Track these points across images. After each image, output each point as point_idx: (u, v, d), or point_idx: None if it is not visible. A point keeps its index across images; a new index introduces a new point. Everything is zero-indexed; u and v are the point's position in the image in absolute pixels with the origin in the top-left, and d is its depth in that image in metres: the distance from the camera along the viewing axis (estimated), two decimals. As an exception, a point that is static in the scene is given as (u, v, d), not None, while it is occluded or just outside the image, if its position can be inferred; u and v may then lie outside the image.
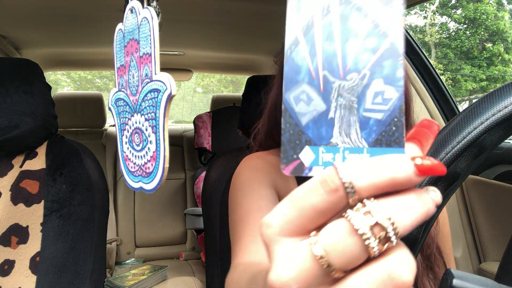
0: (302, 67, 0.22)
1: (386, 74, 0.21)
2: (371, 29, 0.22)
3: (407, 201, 0.18)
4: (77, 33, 1.57)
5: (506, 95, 0.35)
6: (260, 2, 1.23)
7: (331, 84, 0.22)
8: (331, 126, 0.22)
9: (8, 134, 0.94)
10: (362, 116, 0.22)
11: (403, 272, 0.18)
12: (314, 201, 0.19)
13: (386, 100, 0.21)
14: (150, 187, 0.44)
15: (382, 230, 0.18)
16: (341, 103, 0.22)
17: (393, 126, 0.21)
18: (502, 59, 12.62)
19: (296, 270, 0.18)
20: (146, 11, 0.42)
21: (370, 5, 0.22)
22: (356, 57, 0.22)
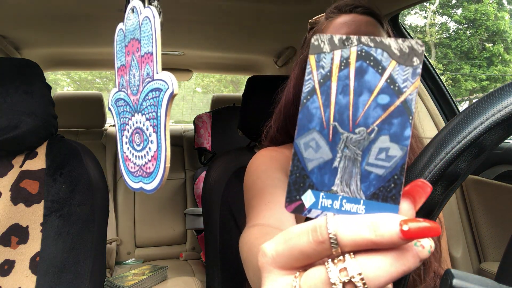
0: (315, 116, 0.23)
1: (394, 132, 0.22)
2: (385, 85, 0.22)
3: (384, 261, 0.19)
4: (77, 33, 1.57)
5: (506, 95, 0.35)
6: (260, 2, 1.23)
7: (339, 135, 0.23)
8: (334, 175, 0.23)
9: (8, 134, 0.94)
10: (364, 170, 0.23)
11: None
12: (302, 246, 0.21)
13: (390, 158, 0.22)
14: (151, 187, 0.44)
15: (353, 287, 0.19)
16: (347, 154, 0.23)
17: (392, 183, 0.22)
18: (502, 59, 12.63)
19: None
20: (147, 10, 0.42)
21: (388, 61, 0.22)
22: (367, 112, 0.23)
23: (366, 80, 0.23)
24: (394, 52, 0.22)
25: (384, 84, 0.22)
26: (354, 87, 0.23)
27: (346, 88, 0.23)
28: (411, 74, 0.22)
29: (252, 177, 0.70)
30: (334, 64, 0.23)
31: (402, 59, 0.22)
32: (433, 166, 0.35)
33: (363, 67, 0.23)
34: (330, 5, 0.75)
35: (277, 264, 0.22)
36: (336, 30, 0.68)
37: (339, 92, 0.23)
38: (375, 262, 0.19)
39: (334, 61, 0.23)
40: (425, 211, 0.36)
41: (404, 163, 0.22)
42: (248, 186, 0.70)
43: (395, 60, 0.22)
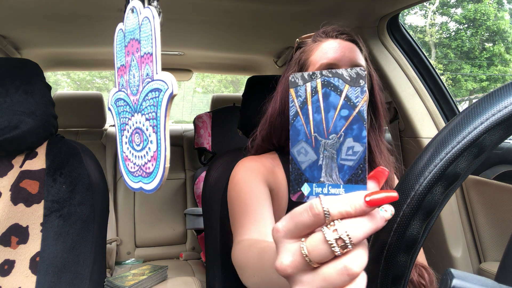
0: (301, 131, 0.33)
1: (355, 134, 0.32)
2: (344, 103, 0.32)
3: (360, 222, 0.29)
4: (77, 33, 1.57)
5: (506, 95, 0.35)
6: (260, 2, 1.23)
7: (319, 142, 0.33)
8: (320, 170, 0.33)
9: (8, 134, 0.94)
10: (339, 163, 0.32)
11: (354, 266, 0.28)
12: (305, 219, 0.30)
13: (355, 153, 0.32)
14: (150, 187, 0.44)
15: (342, 241, 0.28)
16: (326, 155, 0.33)
17: (359, 170, 0.32)
18: (503, 59, 12.62)
19: (290, 261, 0.30)
20: (147, 10, 0.42)
21: (344, 85, 0.32)
22: (334, 123, 0.32)
23: (330, 101, 0.32)
24: (346, 78, 0.32)
25: (343, 102, 0.32)
26: (323, 107, 0.32)
27: (318, 108, 0.33)
28: (360, 92, 0.31)
29: (235, 189, 0.76)
30: (307, 93, 0.33)
31: (352, 83, 0.32)
32: (433, 166, 0.35)
33: (327, 92, 0.32)
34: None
35: (287, 235, 0.31)
36: (324, 53, 0.76)
37: (314, 112, 0.33)
38: (355, 224, 0.29)
39: (307, 91, 0.33)
40: (426, 211, 0.36)
41: (365, 155, 0.31)
42: (232, 198, 0.76)
43: (347, 84, 0.31)
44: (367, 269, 0.39)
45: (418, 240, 0.36)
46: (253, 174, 0.77)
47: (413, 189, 0.36)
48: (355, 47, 0.78)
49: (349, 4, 1.22)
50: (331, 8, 1.24)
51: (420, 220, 0.36)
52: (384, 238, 0.37)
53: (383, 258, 0.37)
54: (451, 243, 1.23)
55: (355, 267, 0.28)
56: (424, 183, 0.35)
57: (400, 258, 0.36)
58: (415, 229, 0.36)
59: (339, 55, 0.75)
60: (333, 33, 0.79)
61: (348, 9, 1.25)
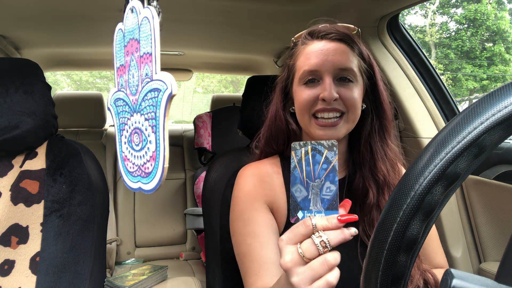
0: (297, 177, 0.52)
1: (331, 179, 0.50)
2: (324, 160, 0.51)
3: (335, 233, 0.47)
4: (77, 33, 1.57)
5: (506, 95, 0.34)
6: (260, 2, 1.23)
7: (309, 184, 0.52)
8: (309, 202, 0.51)
9: (8, 134, 0.94)
10: (321, 197, 0.51)
11: (331, 259, 0.46)
12: (300, 230, 0.48)
13: (331, 191, 0.50)
14: (149, 188, 0.44)
15: (324, 244, 0.46)
16: (313, 192, 0.51)
17: (333, 202, 0.50)
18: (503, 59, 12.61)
19: (290, 258, 0.47)
20: (146, 10, 0.42)
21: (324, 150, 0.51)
22: (318, 173, 0.51)
23: (316, 159, 0.51)
24: (326, 146, 0.51)
25: (324, 159, 0.51)
26: (311, 163, 0.52)
27: (308, 163, 0.52)
28: (334, 154, 0.51)
29: (238, 223, 0.79)
30: (302, 154, 0.52)
31: (329, 148, 0.51)
32: (433, 166, 0.35)
33: (314, 154, 0.52)
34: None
35: (288, 242, 0.48)
36: (306, 59, 0.76)
37: (306, 165, 0.52)
38: (332, 234, 0.47)
39: (302, 153, 0.52)
40: (426, 211, 0.36)
41: (337, 192, 0.50)
42: (236, 233, 0.79)
43: (326, 149, 0.51)
44: (367, 268, 0.38)
45: (418, 240, 0.36)
46: (253, 202, 0.79)
47: (413, 189, 0.36)
48: (343, 47, 0.75)
49: (349, 4, 1.22)
50: (331, 8, 1.24)
51: (420, 220, 0.36)
52: (384, 238, 0.37)
53: (383, 258, 0.36)
54: (451, 243, 1.23)
55: (332, 260, 0.46)
56: (424, 183, 0.35)
57: (400, 258, 0.36)
58: (415, 229, 0.36)
59: (321, 60, 0.73)
60: (319, 34, 0.77)
61: (348, 9, 1.25)
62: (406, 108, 1.30)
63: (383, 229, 0.37)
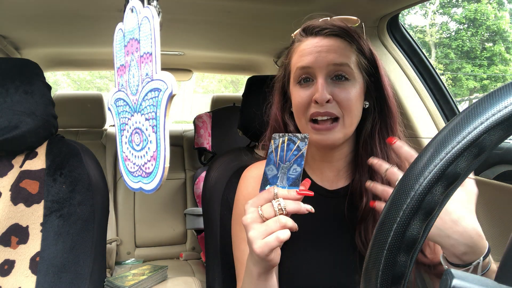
0: (272, 160, 0.61)
1: (298, 163, 0.59)
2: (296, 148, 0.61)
3: (292, 202, 0.55)
4: (77, 33, 1.57)
5: (506, 95, 0.34)
6: (260, 2, 1.23)
7: (280, 165, 0.60)
8: (277, 179, 0.59)
9: (8, 134, 0.94)
10: (288, 176, 0.59)
11: (283, 220, 0.54)
12: (264, 195, 0.57)
13: (296, 171, 0.59)
14: (150, 187, 0.44)
15: (280, 207, 0.55)
16: (282, 171, 0.60)
17: (297, 180, 0.58)
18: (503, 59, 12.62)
19: (251, 216, 0.56)
20: (146, 10, 0.42)
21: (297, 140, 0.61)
22: (290, 157, 0.60)
23: (289, 147, 0.61)
24: (299, 137, 0.61)
25: (295, 147, 0.60)
26: (285, 149, 0.61)
27: (283, 150, 0.61)
28: (304, 144, 0.60)
29: (238, 208, 0.82)
30: (279, 142, 0.62)
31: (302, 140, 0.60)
32: (433, 166, 0.35)
33: (289, 143, 0.61)
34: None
35: (252, 204, 0.57)
36: (299, 56, 0.73)
37: (281, 151, 0.61)
38: (289, 202, 0.55)
39: (279, 142, 0.62)
40: (426, 211, 0.36)
41: (301, 173, 0.58)
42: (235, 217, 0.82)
43: (299, 140, 0.60)
44: (367, 268, 0.39)
45: (418, 240, 0.36)
46: None
47: (413, 189, 0.36)
48: (338, 43, 0.72)
49: (349, 4, 1.22)
50: (331, 8, 1.24)
51: (420, 220, 0.36)
52: (384, 238, 0.37)
53: (383, 258, 0.36)
54: (451, 243, 1.23)
55: (283, 220, 0.53)
56: (424, 183, 0.35)
57: (400, 258, 0.36)
58: (415, 229, 0.36)
59: (313, 58, 0.70)
60: (313, 30, 0.74)
61: (348, 9, 1.25)
62: (406, 108, 1.30)
63: (383, 229, 0.37)
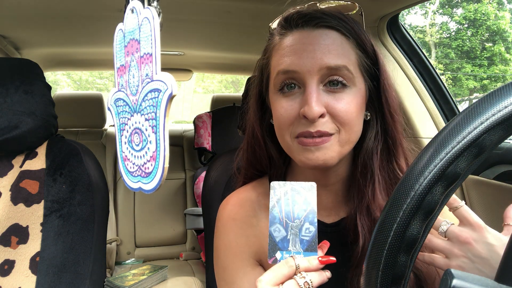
0: (276, 217, 0.51)
1: (310, 220, 0.50)
2: (302, 202, 0.51)
3: (316, 274, 0.46)
4: (77, 33, 1.57)
5: (506, 95, 0.35)
6: (260, 2, 1.23)
7: (288, 224, 0.50)
8: (288, 242, 0.50)
9: (8, 134, 0.94)
10: (300, 239, 0.50)
11: None
12: (283, 270, 0.46)
13: (310, 232, 0.50)
14: (150, 187, 0.44)
15: (308, 286, 0.45)
16: (292, 232, 0.50)
17: (313, 243, 0.50)
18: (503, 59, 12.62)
19: None
20: (147, 11, 0.42)
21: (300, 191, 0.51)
22: (298, 214, 0.50)
23: (295, 200, 0.51)
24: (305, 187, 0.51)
25: (303, 201, 0.51)
26: (291, 203, 0.51)
27: (287, 204, 0.51)
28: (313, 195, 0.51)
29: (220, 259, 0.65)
30: (282, 193, 0.51)
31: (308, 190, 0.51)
32: (433, 166, 0.35)
33: (294, 194, 0.51)
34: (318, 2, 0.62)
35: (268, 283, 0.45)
36: (281, 55, 0.56)
37: (285, 206, 0.51)
38: (313, 275, 0.46)
39: (281, 192, 0.51)
40: (426, 211, 0.36)
41: (316, 233, 0.50)
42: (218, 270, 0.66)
43: (305, 190, 0.51)
44: (367, 268, 0.39)
45: (418, 240, 0.36)
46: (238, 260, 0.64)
47: (413, 189, 0.36)
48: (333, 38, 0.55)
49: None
50: (331, 8, 1.24)
51: (420, 220, 0.36)
52: (384, 238, 0.37)
53: (383, 258, 0.36)
54: (451, 243, 1.23)
55: None
56: (424, 183, 0.35)
57: (400, 258, 0.36)
58: (415, 229, 0.36)
59: (300, 58, 0.54)
60: (298, 21, 0.57)
61: (348, 9, 1.24)
62: (406, 108, 1.30)
63: (383, 229, 0.37)
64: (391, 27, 1.32)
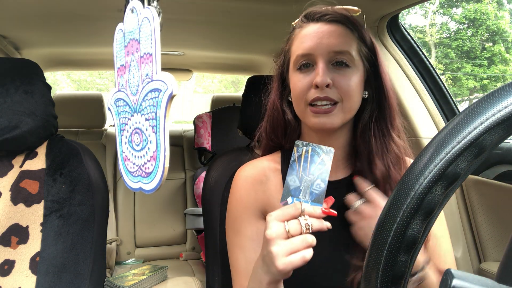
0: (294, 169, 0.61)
1: (322, 178, 0.60)
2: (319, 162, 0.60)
3: (317, 221, 0.57)
4: (77, 33, 1.57)
5: (506, 95, 0.35)
6: (261, 2, 1.23)
7: (303, 177, 0.60)
8: (299, 192, 0.60)
9: (8, 134, 0.94)
10: (311, 191, 0.60)
11: (309, 239, 0.55)
12: (290, 211, 0.57)
13: (320, 187, 0.59)
14: (150, 187, 0.44)
15: (308, 227, 0.56)
16: (305, 185, 0.60)
17: (320, 196, 0.59)
18: (503, 59, 12.62)
19: (275, 231, 0.55)
20: (147, 11, 0.42)
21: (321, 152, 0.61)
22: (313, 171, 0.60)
23: (313, 159, 0.60)
24: (324, 150, 0.61)
25: (320, 161, 0.60)
26: (309, 161, 0.60)
27: (306, 161, 0.60)
28: (329, 158, 0.60)
29: (231, 212, 0.79)
30: (303, 151, 0.61)
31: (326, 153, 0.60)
32: (433, 166, 0.35)
33: (313, 154, 0.60)
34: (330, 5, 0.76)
35: (277, 218, 0.56)
36: (300, 42, 0.73)
37: (304, 162, 0.60)
38: (315, 221, 0.56)
39: (303, 151, 0.60)
40: (426, 211, 0.36)
41: (325, 190, 0.59)
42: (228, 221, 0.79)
43: (324, 153, 0.61)
44: (367, 268, 0.39)
45: (418, 240, 0.36)
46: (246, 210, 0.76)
47: (413, 189, 0.36)
48: (340, 29, 0.71)
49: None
50: (331, 8, 1.24)
51: (420, 220, 0.36)
52: (384, 238, 0.37)
53: (383, 258, 0.37)
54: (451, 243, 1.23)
55: (310, 240, 0.54)
56: (424, 183, 0.35)
57: (400, 258, 0.36)
58: (415, 229, 0.36)
59: (315, 43, 0.70)
60: (314, 16, 0.73)
61: (348, 9, 1.25)
62: (406, 108, 1.30)
63: (383, 229, 0.37)
64: (391, 27, 1.32)
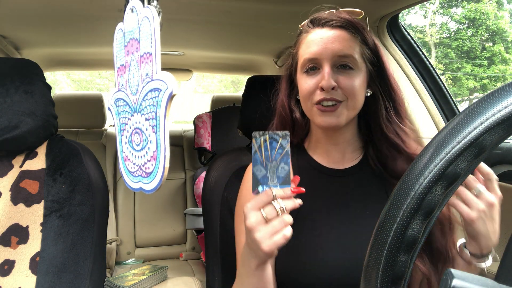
0: (258, 160, 0.61)
1: (285, 161, 0.61)
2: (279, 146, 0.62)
3: (289, 201, 0.60)
4: (77, 33, 1.57)
5: (506, 95, 0.35)
6: (261, 2, 1.23)
7: (267, 165, 0.61)
8: (267, 179, 0.62)
9: (8, 134, 0.94)
10: (277, 176, 0.61)
11: (286, 218, 0.59)
12: (263, 198, 0.60)
13: (285, 170, 0.61)
14: (150, 187, 0.44)
15: (282, 209, 0.59)
16: (270, 171, 0.61)
17: (287, 178, 0.61)
18: (503, 59, 12.61)
19: (255, 219, 0.59)
20: (147, 10, 0.42)
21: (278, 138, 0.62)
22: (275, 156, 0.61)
23: (273, 146, 0.61)
24: (280, 135, 0.61)
25: (279, 146, 0.61)
26: (269, 148, 0.61)
27: (266, 149, 0.61)
28: (286, 141, 0.61)
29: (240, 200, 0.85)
30: (261, 141, 0.61)
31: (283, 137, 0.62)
32: (433, 166, 0.35)
33: (271, 141, 0.61)
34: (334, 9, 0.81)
35: (252, 208, 0.59)
36: (307, 47, 0.78)
37: (265, 150, 0.61)
38: (287, 202, 0.60)
39: (261, 140, 0.61)
40: (426, 211, 0.36)
41: (289, 171, 0.61)
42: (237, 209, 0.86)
43: (280, 138, 0.61)
44: (367, 268, 0.39)
45: (418, 240, 0.36)
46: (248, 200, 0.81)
47: (413, 189, 0.36)
48: (343, 35, 0.75)
49: (349, 4, 1.22)
50: (331, 8, 1.24)
51: (420, 220, 0.36)
52: (384, 238, 0.37)
53: (383, 258, 0.36)
54: (451, 243, 1.23)
55: (287, 219, 0.58)
56: (424, 183, 0.35)
57: (400, 258, 0.36)
58: (415, 229, 0.36)
59: (320, 49, 0.74)
60: (320, 22, 0.78)
61: (348, 9, 1.25)
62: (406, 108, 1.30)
63: (383, 229, 0.37)
64: (391, 27, 1.32)
